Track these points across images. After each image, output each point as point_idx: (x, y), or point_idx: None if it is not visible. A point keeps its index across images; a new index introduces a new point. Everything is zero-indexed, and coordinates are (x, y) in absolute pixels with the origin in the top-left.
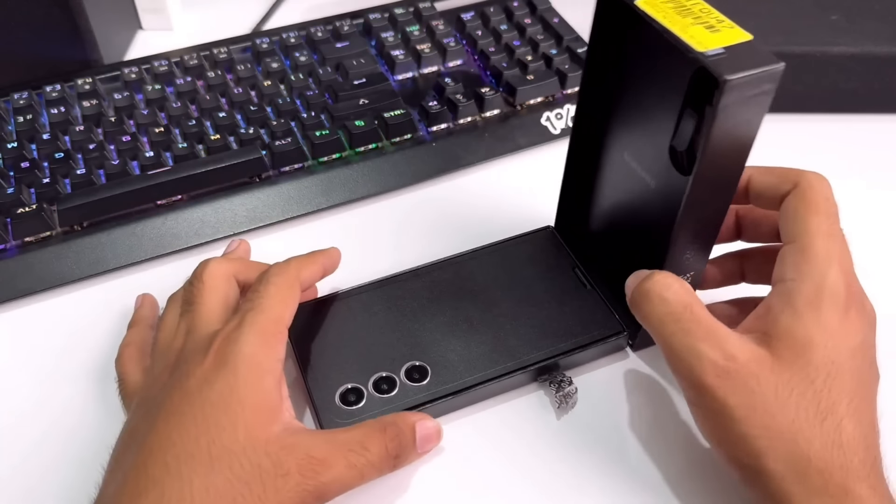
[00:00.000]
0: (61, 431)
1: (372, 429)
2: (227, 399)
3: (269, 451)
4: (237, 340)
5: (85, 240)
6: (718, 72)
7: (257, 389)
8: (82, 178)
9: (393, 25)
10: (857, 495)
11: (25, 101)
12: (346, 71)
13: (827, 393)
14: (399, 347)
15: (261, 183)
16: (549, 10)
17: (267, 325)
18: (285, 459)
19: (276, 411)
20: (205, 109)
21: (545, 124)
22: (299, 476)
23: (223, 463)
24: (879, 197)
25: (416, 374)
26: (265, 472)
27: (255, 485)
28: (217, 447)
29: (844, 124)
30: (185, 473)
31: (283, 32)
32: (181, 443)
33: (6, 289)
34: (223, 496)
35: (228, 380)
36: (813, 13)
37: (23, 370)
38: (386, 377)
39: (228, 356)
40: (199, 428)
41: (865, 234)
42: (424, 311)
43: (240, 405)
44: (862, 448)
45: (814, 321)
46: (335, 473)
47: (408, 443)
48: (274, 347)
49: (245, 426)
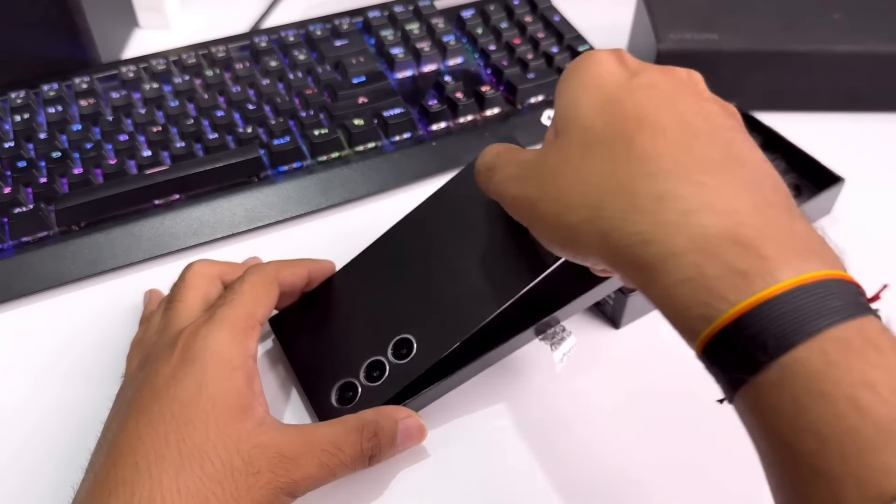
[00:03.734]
0: (58, 431)
1: (349, 428)
2: (195, 396)
3: (241, 449)
4: (205, 336)
5: (82, 240)
6: None
7: (227, 386)
8: (80, 178)
9: (392, 23)
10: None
11: (22, 100)
12: (345, 69)
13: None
14: (381, 325)
15: (259, 182)
16: (550, 8)
17: (237, 320)
18: (257, 457)
19: (248, 408)
20: (203, 108)
21: (546, 123)
22: (270, 474)
23: (194, 462)
24: (881, 196)
25: (403, 350)
26: (237, 470)
27: (227, 483)
28: (187, 446)
29: (847, 123)
30: (154, 473)
31: (282, 31)
32: (150, 442)
33: (3, 289)
34: (195, 495)
35: (197, 376)
36: (815, 12)
37: (20, 370)
38: (374, 362)
39: (196, 352)
40: (169, 426)
41: (866, 234)
42: (395, 279)
43: (210, 402)
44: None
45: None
46: (306, 472)
47: (386, 441)
48: (244, 343)
49: (216, 424)
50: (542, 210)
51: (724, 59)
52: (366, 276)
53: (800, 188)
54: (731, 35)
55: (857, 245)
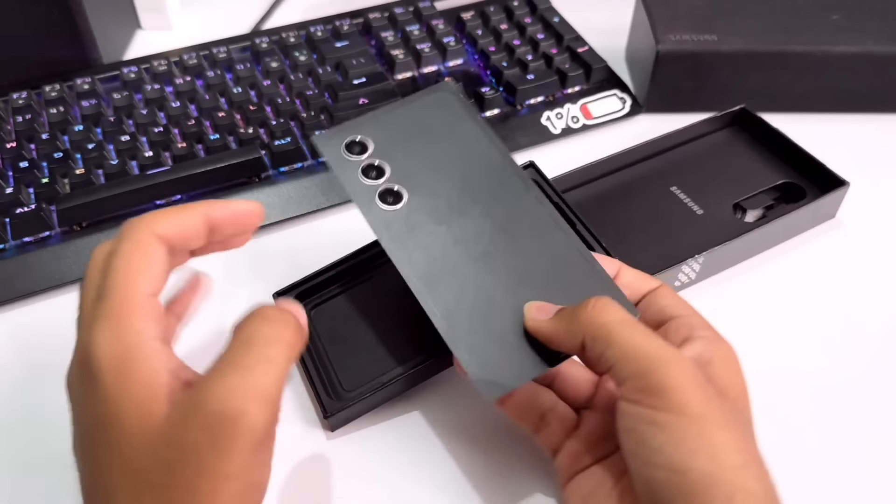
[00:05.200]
0: (58, 431)
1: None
2: (107, 423)
3: (171, 440)
4: (90, 353)
5: (84, 240)
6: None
7: (130, 394)
8: (81, 178)
9: (393, 25)
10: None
11: (24, 101)
12: (345, 70)
13: (753, 440)
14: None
15: (260, 183)
16: (550, 9)
17: (116, 308)
18: (185, 433)
19: (157, 399)
20: (204, 109)
21: (545, 124)
22: (207, 434)
23: (139, 479)
24: (881, 196)
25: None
26: (175, 460)
27: (181, 471)
28: (124, 476)
29: (846, 124)
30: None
31: (283, 32)
32: (95, 485)
33: (5, 289)
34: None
35: (99, 399)
36: (814, 13)
37: (21, 370)
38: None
39: (91, 370)
40: (101, 464)
41: (866, 234)
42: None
43: (119, 425)
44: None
45: (742, 376)
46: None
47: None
48: (132, 328)
49: (133, 441)
50: (721, 424)
51: (723, 59)
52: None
53: (804, 191)
54: (730, 36)
55: (861, 250)
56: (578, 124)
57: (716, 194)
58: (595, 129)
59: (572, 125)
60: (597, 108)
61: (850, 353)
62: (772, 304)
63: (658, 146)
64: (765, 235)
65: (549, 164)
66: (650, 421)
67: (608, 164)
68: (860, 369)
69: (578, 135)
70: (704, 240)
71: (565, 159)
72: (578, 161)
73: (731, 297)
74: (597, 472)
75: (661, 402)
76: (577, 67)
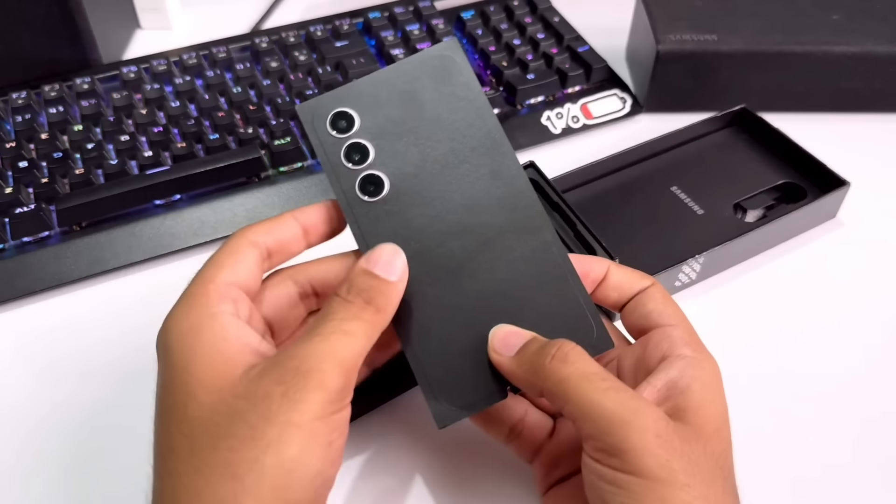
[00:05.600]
0: (59, 430)
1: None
2: (174, 387)
3: (241, 393)
4: (165, 327)
5: (83, 240)
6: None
7: (198, 354)
8: (81, 178)
9: (392, 24)
10: None
11: (24, 101)
12: (345, 70)
13: (729, 470)
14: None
15: (260, 183)
16: (550, 9)
17: (193, 290)
18: (258, 386)
19: (228, 360)
20: (204, 109)
21: (545, 123)
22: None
23: (198, 434)
24: (881, 196)
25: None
26: (242, 409)
27: (248, 419)
28: (182, 434)
29: (846, 124)
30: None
31: (283, 31)
32: (156, 452)
33: (5, 289)
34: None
35: (169, 366)
36: (814, 13)
37: (21, 370)
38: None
39: (165, 343)
40: (163, 429)
41: (866, 234)
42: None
43: (185, 386)
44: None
45: (722, 399)
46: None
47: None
48: (206, 305)
49: (199, 398)
50: (682, 484)
51: (723, 59)
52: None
53: (804, 191)
54: (729, 36)
55: (861, 250)
56: (579, 124)
57: (716, 194)
58: (595, 128)
59: (572, 125)
60: (597, 108)
61: (850, 354)
62: (772, 304)
63: (658, 146)
64: (765, 235)
65: (549, 164)
66: (611, 481)
67: (608, 164)
68: (860, 369)
69: (579, 135)
70: (705, 240)
71: (565, 159)
72: (578, 161)
73: (731, 297)
74: (575, 484)
75: (621, 463)
76: (578, 67)
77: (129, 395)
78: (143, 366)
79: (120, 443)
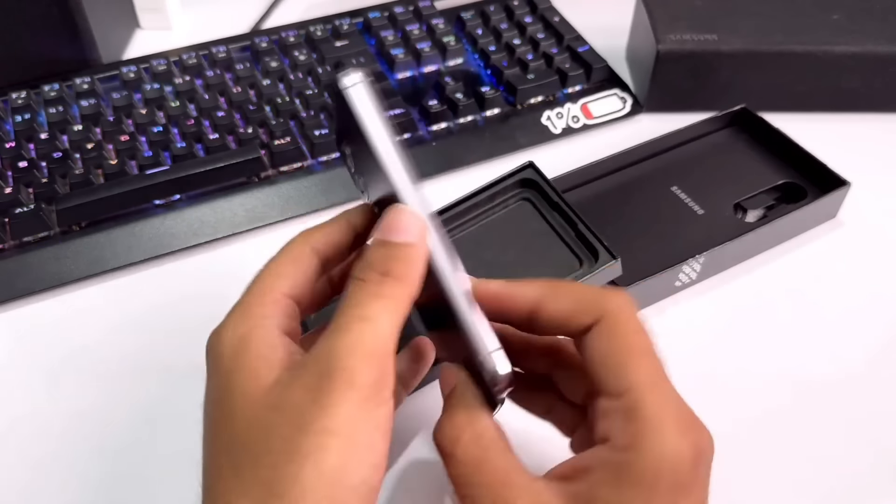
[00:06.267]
0: (59, 430)
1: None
2: (221, 399)
3: (274, 404)
4: (217, 333)
5: (83, 240)
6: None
7: (244, 366)
8: (80, 178)
9: (393, 24)
10: None
11: (23, 101)
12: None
13: None
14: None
15: (260, 183)
16: (550, 8)
17: (248, 300)
18: (289, 395)
19: (271, 368)
20: (203, 109)
21: (545, 123)
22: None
23: (242, 451)
24: (881, 196)
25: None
26: (276, 423)
27: (282, 432)
28: (229, 453)
29: (846, 124)
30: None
31: (283, 31)
32: (206, 466)
33: (4, 289)
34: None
35: (219, 375)
36: (814, 13)
37: (21, 370)
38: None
39: (215, 353)
40: (211, 445)
41: (867, 234)
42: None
43: (230, 399)
44: None
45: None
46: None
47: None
48: (258, 314)
49: (244, 413)
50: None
51: (723, 59)
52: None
53: (804, 191)
54: (730, 36)
55: (862, 250)
56: (579, 124)
57: (716, 194)
58: (595, 128)
59: (573, 125)
60: (597, 108)
61: (850, 354)
62: (772, 304)
63: (658, 146)
64: (765, 235)
65: (549, 164)
66: None
67: (608, 164)
68: (861, 370)
69: (579, 134)
70: (705, 240)
71: (565, 159)
72: (579, 161)
73: (731, 297)
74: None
75: None
76: (578, 67)
77: (129, 394)
78: (144, 365)
79: (120, 443)
